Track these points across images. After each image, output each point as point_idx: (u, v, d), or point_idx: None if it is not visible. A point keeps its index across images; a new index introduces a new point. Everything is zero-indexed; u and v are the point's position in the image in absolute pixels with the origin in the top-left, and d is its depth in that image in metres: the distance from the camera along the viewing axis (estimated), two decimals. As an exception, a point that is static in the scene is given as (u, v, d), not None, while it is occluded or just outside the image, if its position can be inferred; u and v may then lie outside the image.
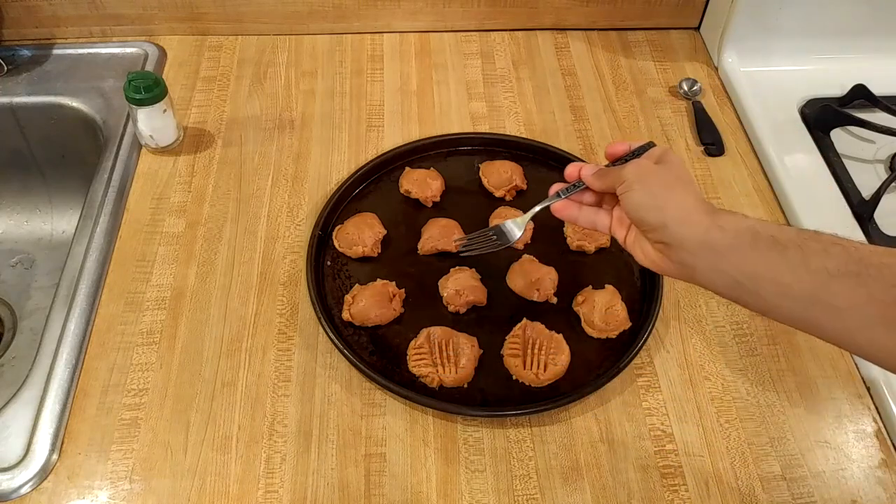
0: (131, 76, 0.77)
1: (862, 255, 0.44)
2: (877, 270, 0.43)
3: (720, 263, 0.48)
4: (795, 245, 0.46)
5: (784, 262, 0.46)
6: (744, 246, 0.48)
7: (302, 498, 0.59)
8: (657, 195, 0.52)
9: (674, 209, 0.51)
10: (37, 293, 0.92)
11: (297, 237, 0.76)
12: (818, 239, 0.46)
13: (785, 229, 0.48)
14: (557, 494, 0.60)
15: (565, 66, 0.97)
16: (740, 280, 0.48)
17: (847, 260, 0.44)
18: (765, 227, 0.48)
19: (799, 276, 0.45)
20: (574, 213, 0.59)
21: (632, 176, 0.53)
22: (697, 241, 0.49)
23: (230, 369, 0.66)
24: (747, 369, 0.68)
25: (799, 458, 0.63)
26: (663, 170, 0.54)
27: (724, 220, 0.49)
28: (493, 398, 0.65)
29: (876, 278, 0.42)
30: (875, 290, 0.42)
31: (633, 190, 0.53)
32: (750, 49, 0.95)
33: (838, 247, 0.45)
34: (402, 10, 0.97)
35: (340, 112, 0.89)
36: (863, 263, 0.43)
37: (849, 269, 0.43)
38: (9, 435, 0.61)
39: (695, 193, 0.52)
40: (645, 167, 0.54)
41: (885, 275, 0.42)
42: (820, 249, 0.45)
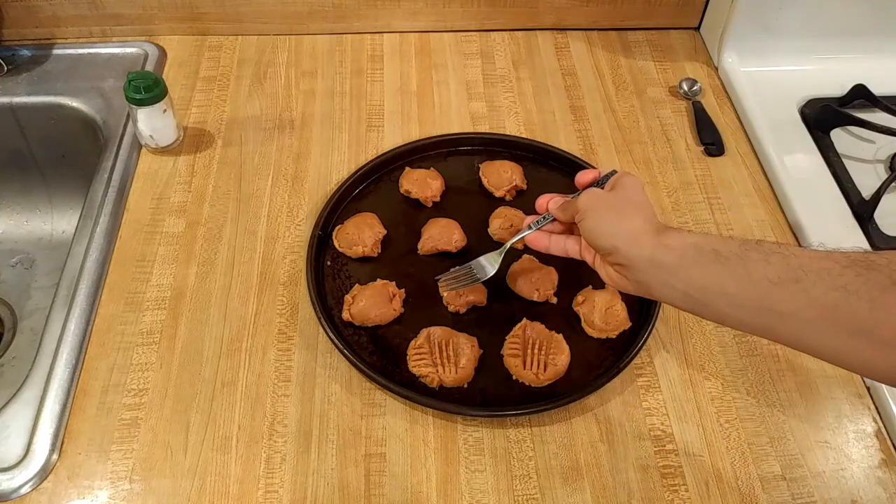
0: (131, 76, 0.77)
1: (801, 261, 0.46)
2: (816, 276, 0.45)
3: (670, 280, 0.51)
4: (737, 257, 0.48)
5: (727, 274, 0.48)
6: (688, 262, 0.50)
7: (302, 498, 0.59)
8: (608, 221, 0.55)
9: (623, 233, 0.54)
10: (37, 293, 0.92)
11: (297, 237, 0.76)
12: (759, 249, 0.48)
13: (728, 242, 0.50)
14: (557, 494, 0.60)
15: (565, 66, 0.97)
16: (690, 293, 0.50)
17: (786, 267, 0.46)
18: (708, 242, 0.50)
19: (743, 286, 0.48)
20: (545, 243, 0.64)
21: (584, 205, 0.57)
22: (646, 260, 0.52)
23: (230, 369, 0.66)
24: (747, 369, 0.68)
25: (799, 458, 0.63)
26: (614, 196, 0.58)
27: (669, 238, 0.52)
28: (493, 398, 0.65)
29: (815, 283, 0.44)
30: (815, 295, 0.44)
31: (587, 218, 0.57)
32: (750, 49, 0.95)
33: (778, 255, 0.47)
34: (402, 10, 0.97)
35: (340, 112, 0.89)
36: (802, 270, 0.45)
37: (789, 276, 0.46)
38: (9, 435, 0.61)
39: (643, 216, 0.55)
40: (596, 196, 0.58)
41: (825, 279, 0.44)
42: (760, 259, 0.47)
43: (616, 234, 0.54)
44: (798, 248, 0.47)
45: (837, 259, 0.45)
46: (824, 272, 0.44)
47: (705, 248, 0.50)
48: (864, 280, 0.43)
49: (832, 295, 0.44)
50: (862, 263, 0.44)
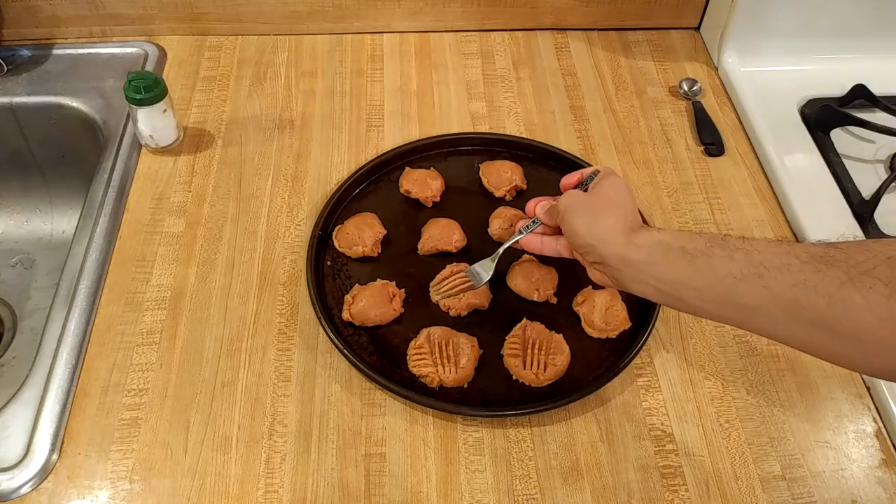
0: (131, 76, 0.77)
1: (763, 257, 0.47)
2: (777, 271, 0.46)
3: (641, 276, 0.54)
4: (702, 254, 0.50)
5: (694, 271, 0.50)
6: (657, 259, 0.53)
7: (302, 498, 0.59)
8: (583, 222, 0.58)
9: (598, 233, 0.56)
10: (37, 293, 0.92)
11: (297, 237, 0.76)
12: (724, 245, 0.50)
13: (695, 239, 0.52)
14: (557, 494, 0.60)
15: (565, 66, 0.97)
16: (661, 288, 0.53)
17: (749, 263, 0.48)
18: (676, 239, 0.53)
19: (709, 282, 0.50)
20: (538, 245, 0.67)
21: (564, 208, 0.60)
22: (618, 258, 0.55)
23: (230, 369, 0.66)
24: (747, 369, 0.68)
25: (799, 458, 0.63)
26: (592, 196, 0.60)
27: (639, 237, 0.55)
28: (493, 398, 0.65)
29: (776, 279, 0.46)
30: (777, 291, 0.46)
31: (565, 220, 0.59)
32: (750, 49, 0.95)
33: (741, 251, 0.49)
34: (402, 10, 0.97)
35: (340, 112, 0.89)
36: (764, 266, 0.47)
37: (751, 271, 0.47)
38: (9, 435, 0.61)
39: (618, 214, 0.57)
40: (574, 197, 0.60)
41: (785, 275, 0.46)
42: (725, 256, 0.49)
43: (590, 233, 0.57)
44: (762, 243, 0.49)
45: (798, 254, 0.46)
46: (785, 268, 0.46)
47: (673, 246, 0.52)
48: (822, 276, 0.44)
49: (792, 291, 0.45)
50: (821, 259, 0.45)
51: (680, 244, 0.52)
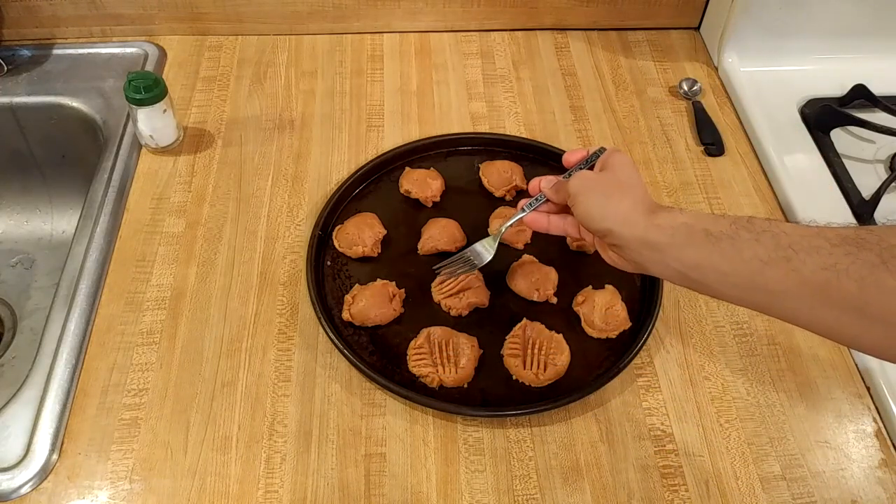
0: (131, 76, 0.77)
1: (791, 240, 0.46)
2: (806, 254, 0.45)
3: (664, 259, 0.52)
4: (727, 237, 0.49)
5: (719, 254, 0.49)
6: (680, 242, 0.51)
7: (302, 498, 0.59)
8: (600, 204, 0.55)
9: (615, 214, 0.54)
10: (37, 293, 0.92)
11: (297, 237, 0.76)
12: (750, 227, 0.48)
13: (719, 221, 0.50)
14: (557, 494, 0.60)
15: (565, 66, 0.97)
16: (684, 272, 0.51)
17: (777, 246, 0.46)
18: (699, 221, 0.51)
19: (735, 265, 0.48)
20: (544, 223, 0.64)
21: (576, 189, 0.57)
22: (639, 240, 0.53)
23: (230, 369, 0.66)
24: (747, 369, 0.68)
25: (799, 458, 0.63)
26: (604, 177, 0.58)
27: (660, 218, 0.53)
28: (493, 398, 0.65)
29: (805, 262, 0.45)
30: (806, 274, 0.45)
31: (578, 203, 0.57)
32: (750, 49, 0.95)
33: (768, 234, 0.47)
34: (402, 10, 0.97)
35: (340, 112, 0.89)
36: (792, 249, 0.45)
37: (779, 255, 0.46)
38: (9, 435, 0.61)
39: (634, 196, 0.55)
40: (586, 178, 0.58)
41: (814, 258, 0.44)
42: (751, 238, 0.47)
43: (607, 216, 0.55)
44: (789, 226, 0.47)
45: (828, 237, 0.45)
46: (814, 251, 0.45)
47: (696, 228, 0.50)
48: (853, 259, 0.43)
49: (822, 274, 0.44)
50: (852, 241, 0.44)
51: (703, 226, 0.50)
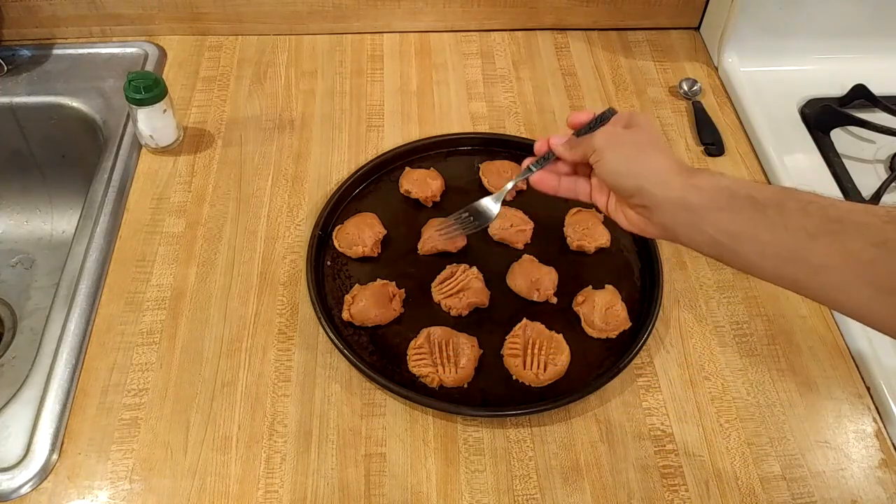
0: (131, 76, 0.77)
1: (841, 213, 0.44)
2: (855, 230, 0.43)
3: (699, 223, 0.49)
4: (774, 204, 0.46)
5: (762, 222, 0.46)
6: (721, 206, 0.48)
7: (302, 498, 0.59)
8: (631, 160, 0.52)
9: (649, 172, 0.51)
10: (37, 293, 0.92)
11: (297, 237, 0.76)
12: (797, 198, 0.46)
13: (763, 188, 0.48)
14: (557, 494, 0.60)
15: (565, 66, 0.97)
16: (719, 239, 0.48)
17: (825, 219, 0.44)
18: (742, 187, 0.48)
19: (777, 235, 0.45)
20: (553, 183, 0.60)
21: (602, 144, 0.54)
22: (674, 202, 0.50)
23: (230, 369, 0.66)
24: (747, 369, 0.68)
25: (799, 458, 0.63)
26: (634, 134, 0.54)
27: (700, 179, 0.49)
28: (493, 398, 0.65)
29: (854, 237, 0.43)
30: (853, 250, 0.43)
31: (606, 158, 0.53)
32: (750, 49, 0.95)
33: (816, 205, 0.45)
34: (402, 10, 0.97)
35: (340, 112, 0.89)
36: (841, 223, 0.43)
37: (827, 228, 0.44)
38: (9, 435, 0.61)
39: (668, 154, 0.52)
40: (615, 134, 0.54)
41: (864, 234, 0.42)
42: (798, 209, 0.45)
43: (640, 173, 0.51)
44: (837, 200, 0.45)
45: (878, 214, 0.43)
46: (864, 227, 0.43)
47: (740, 193, 0.47)
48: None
49: (870, 251, 0.42)
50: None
51: (748, 192, 0.47)
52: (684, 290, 0.74)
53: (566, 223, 0.77)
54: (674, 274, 0.75)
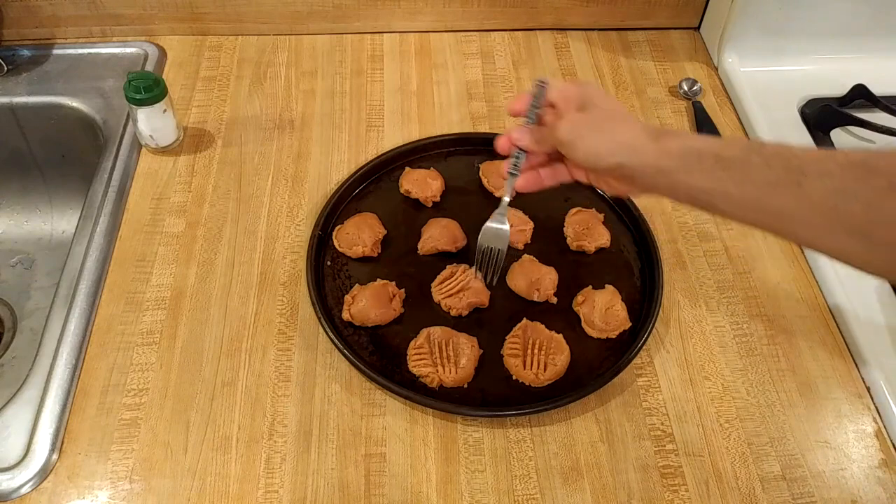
0: (131, 76, 0.77)
1: (802, 163, 0.46)
2: (816, 178, 0.45)
3: (675, 184, 0.52)
4: (739, 161, 0.48)
5: (730, 179, 0.49)
6: (691, 167, 0.50)
7: (302, 498, 0.59)
8: (600, 142, 0.54)
9: (621, 148, 0.53)
10: (37, 293, 0.92)
11: (297, 237, 0.76)
12: (761, 152, 0.48)
13: (729, 146, 0.50)
14: (557, 494, 0.60)
15: (565, 66, 0.97)
16: (694, 195, 0.51)
17: (787, 170, 0.46)
18: (709, 146, 0.50)
19: (745, 189, 0.48)
20: (537, 180, 0.61)
21: (567, 136, 0.55)
22: (651, 168, 0.52)
23: (230, 369, 0.66)
24: (747, 369, 0.68)
25: (799, 458, 0.63)
26: (593, 114, 0.56)
27: (669, 143, 0.52)
28: (493, 398, 0.65)
29: (815, 186, 0.45)
30: (815, 198, 0.45)
31: (576, 148, 0.55)
32: (750, 49, 0.95)
33: (778, 157, 0.47)
34: (402, 10, 0.97)
35: (340, 112, 0.89)
36: (802, 173, 0.46)
37: (789, 179, 0.46)
38: (9, 435, 0.61)
39: (632, 121, 0.54)
40: (576, 121, 0.56)
41: (824, 182, 0.45)
42: (762, 163, 0.47)
43: (613, 151, 0.53)
44: (799, 149, 0.47)
45: (838, 160, 0.45)
46: (824, 175, 0.45)
47: (707, 153, 0.50)
48: (862, 184, 0.43)
49: (832, 198, 0.44)
50: (862, 166, 0.44)
51: (714, 151, 0.50)
52: (684, 290, 0.74)
53: (566, 223, 0.77)
54: (674, 274, 0.75)
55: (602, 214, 0.77)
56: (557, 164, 0.61)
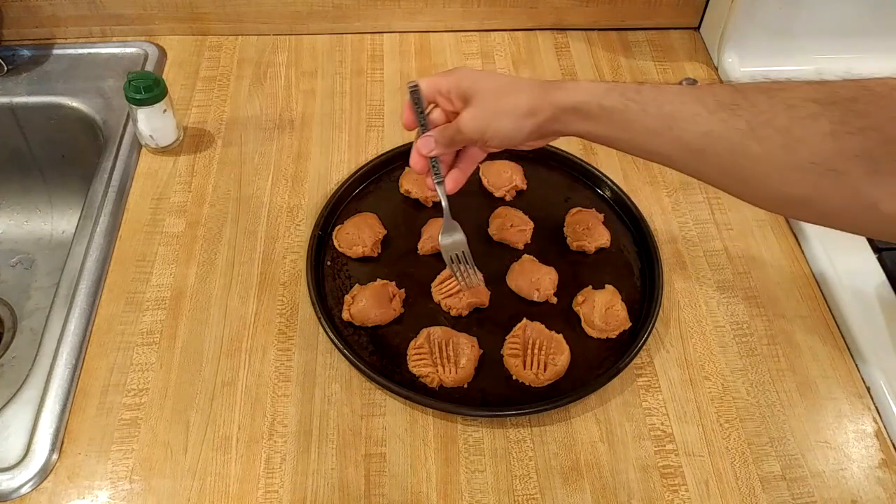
0: (131, 76, 0.77)
1: (674, 108, 0.51)
2: (686, 122, 0.50)
3: (574, 131, 0.57)
4: (619, 110, 0.53)
5: (613, 126, 0.54)
6: (580, 117, 0.55)
7: (302, 498, 0.59)
8: (506, 123, 0.57)
9: (524, 117, 0.57)
10: (37, 293, 0.92)
11: (297, 237, 0.76)
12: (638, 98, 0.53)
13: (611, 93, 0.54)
14: (557, 494, 0.60)
15: (565, 66, 0.97)
16: (593, 139, 0.57)
17: (661, 116, 0.51)
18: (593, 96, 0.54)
19: (628, 134, 0.54)
20: (464, 175, 0.63)
21: (475, 131, 0.58)
22: (550, 120, 0.57)
23: (230, 369, 0.66)
24: (747, 369, 0.68)
25: (799, 458, 0.63)
26: (484, 101, 0.58)
27: (557, 96, 0.56)
28: (493, 398, 0.65)
29: (685, 130, 0.50)
30: (687, 140, 0.50)
31: (488, 137, 0.58)
32: (750, 49, 0.95)
33: (654, 104, 0.52)
34: (402, 10, 0.97)
35: (340, 112, 0.89)
36: (674, 117, 0.51)
37: (663, 124, 0.51)
38: (9, 435, 0.61)
39: (523, 87, 0.58)
40: (475, 117, 0.58)
41: (693, 125, 0.50)
42: (639, 110, 0.52)
43: (521, 124, 0.57)
44: (672, 93, 0.51)
45: (706, 103, 0.49)
46: (693, 118, 0.49)
47: (591, 104, 0.54)
48: (726, 126, 0.48)
49: (701, 140, 0.49)
50: (727, 107, 0.48)
51: (597, 101, 0.54)
52: (684, 290, 0.74)
53: (566, 223, 0.77)
54: (674, 274, 0.75)
55: (602, 214, 0.77)
56: (468, 150, 0.63)
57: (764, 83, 0.49)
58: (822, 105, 0.45)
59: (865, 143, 0.43)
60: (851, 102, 0.44)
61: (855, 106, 0.44)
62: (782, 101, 0.46)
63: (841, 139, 0.44)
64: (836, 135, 0.44)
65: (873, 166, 0.43)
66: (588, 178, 0.82)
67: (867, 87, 0.45)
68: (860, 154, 0.44)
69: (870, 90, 0.44)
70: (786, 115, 0.46)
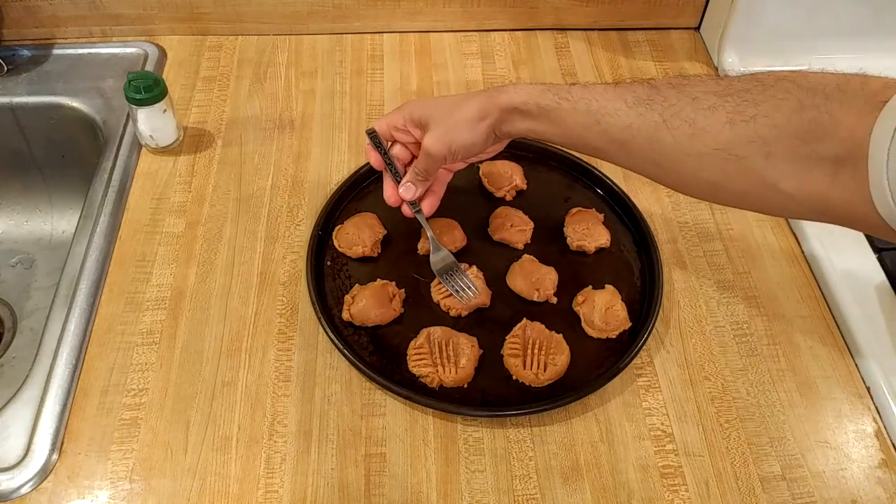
0: (131, 76, 0.77)
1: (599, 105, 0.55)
2: (609, 118, 0.55)
3: (517, 130, 0.62)
4: (552, 108, 0.58)
5: (549, 123, 0.59)
6: (522, 116, 0.60)
7: (302, 498, 0.59)
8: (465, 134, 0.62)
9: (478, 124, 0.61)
10: (37, 293, 0.92)
11: (297, 237, 0.76)
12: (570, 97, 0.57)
13: (546, 94, 0.58)
14: (557, 494, 0.60)
15: (565, 66, 0.97)
16: (534, 136, 0.61)
17: (589, 113, 0.56)
18: (531, 97, 0.59)
19: (563, 130, 0.58)
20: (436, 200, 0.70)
21: (441, 149, 0.62)
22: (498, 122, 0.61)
23: (230, 369, 0.66)
24: (747, 369, 0.68)
25: (799, 458, 0.63)
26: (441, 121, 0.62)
27: (500, 99, 0.60)
28: (493, 398, 0.65)
29: (611, 124, 0.55)
30: (612, 134, 0.55)
31: (455, 152, 0.63)
32: (750, 49, 0.95)
33: (583, 102, 0.56)
34: (402, 10, 0.97)
35: (340, 112, 0.89)
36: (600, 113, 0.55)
37: (591, 120, 0.56)
38: (9, 435, 0.61)
39: (470, 99, 0.62)
40: (436, 140, 0.62)
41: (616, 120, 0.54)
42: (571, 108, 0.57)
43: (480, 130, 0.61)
44: (598, 90, 0.56)
45: (626, 99, 0.54)
46: (615, 113, 0.54)
47: (530, 104, 0.59)
48: (643, 120, 0.53)
49: (622, 134, 0.54)
50: (644, 102, 0.53)
51: (535, 101, 0.58)
52: (684, 290, 0.74)
53: (566, 223, 0.77)
54: (674, 274, 0.75)
55: (602, 214, 0.77)
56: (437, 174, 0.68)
57: (675, 78, 0.53)
58: (720, 97, 0.50)
59: (758, 130, 0.48)
60: (744, 93, 0.49)
61: (747, 96, 0.49)
62: (688, 95, 0.51)
63: (737, 126, 0.49)
64: (732, 123, 0.49)
65: (766, 149, 0.48)
66: (588, 177, 0.82)
67: (758, 80, 0.50)
68: (755, 139, 0.48)
69: (760, 81, 0.50)
70: (691, 107, 0.51)
